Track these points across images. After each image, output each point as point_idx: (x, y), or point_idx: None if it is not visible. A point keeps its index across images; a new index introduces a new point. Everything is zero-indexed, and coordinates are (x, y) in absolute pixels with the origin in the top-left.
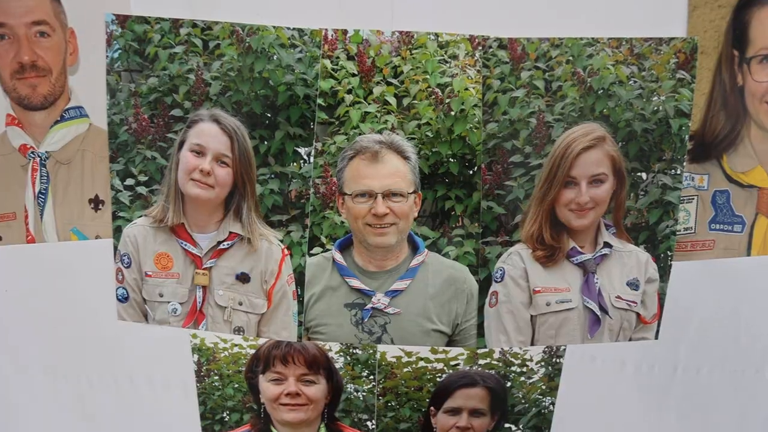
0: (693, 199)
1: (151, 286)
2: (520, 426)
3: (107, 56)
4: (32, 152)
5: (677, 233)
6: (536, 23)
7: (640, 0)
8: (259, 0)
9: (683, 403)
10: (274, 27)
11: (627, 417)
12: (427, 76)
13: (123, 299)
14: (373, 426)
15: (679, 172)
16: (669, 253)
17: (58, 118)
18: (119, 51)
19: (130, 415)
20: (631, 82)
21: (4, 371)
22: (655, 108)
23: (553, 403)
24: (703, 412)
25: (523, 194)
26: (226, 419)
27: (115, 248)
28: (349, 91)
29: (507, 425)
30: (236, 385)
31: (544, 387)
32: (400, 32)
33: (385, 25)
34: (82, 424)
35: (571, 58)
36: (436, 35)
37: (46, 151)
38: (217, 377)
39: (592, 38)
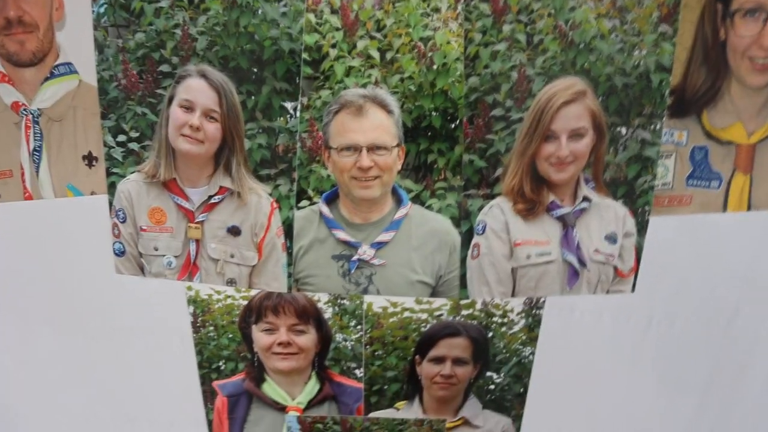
0: (671, 154)
1: (146, 240)
2: (502, 374)
3: (93, 11)
4: (24, 109)
5: (655, 188)
6: None
7: None
8: None
9: (658, 353)
10: None
11: (605, 366)
12: (410, 30)
13: (120, 253)
14: (361, 374)
15: (658, 127)
16: (647, 208)
17: (48, 75)
18: (105, 6)
19: (130, 365)
20: (612, 36)
21: (7, 326)
22: (636, 62)
23: (533, 353)
24: (676, 362)
25: (504, 148)
26: (222, 368)
27: (110, 204)
28: (334, 46)
29: (489, 374)
30: (230, 335)
31: (524, 337)
32: None
33: None
34: (84, 374)
35: (553, 11)
36: None
37: (38, 108)
38: (212, 328)
39: None
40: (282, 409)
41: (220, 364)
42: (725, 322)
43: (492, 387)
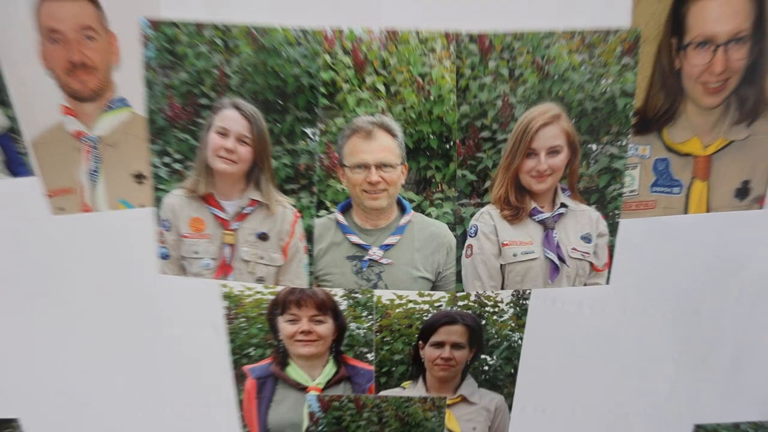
0: (637, 166)
1: (187, 245)
2: (494, 357)
3: (144, 55)
4: (84, 137)
5: (623, 195)
6: (501, 19)
7: None
8: (269, 4)
9: (632, 338)
10: (282, 28)
11: (585, 350)
12: (410, 67)
13: (164, 257)
14: (372, 357)
15: (624, 143)
16: (617, 212)
17: (105, 108)
18: (154, 50)
19: (170, 352)
20: (582, 68)
21: (66, 319)
22: (603, 90)
23: (521, 338)
24: (648, 346)
25: (492, 164)
26: (252, 354)
27: (157, 215)
28: (346, 81)
29: (483, 356)
30: (259, 326)
31: (513, 324)
32: (387, 30)
33: (375, 24)
34: (131, 362)
35: (531, 48)
36: (417, 32)
37: (96, 136)
38: (243, 319)
39: (549, 31)
40: (303, 389)
41: (250, 350)
42: (692, 310)
43: (486, 368)
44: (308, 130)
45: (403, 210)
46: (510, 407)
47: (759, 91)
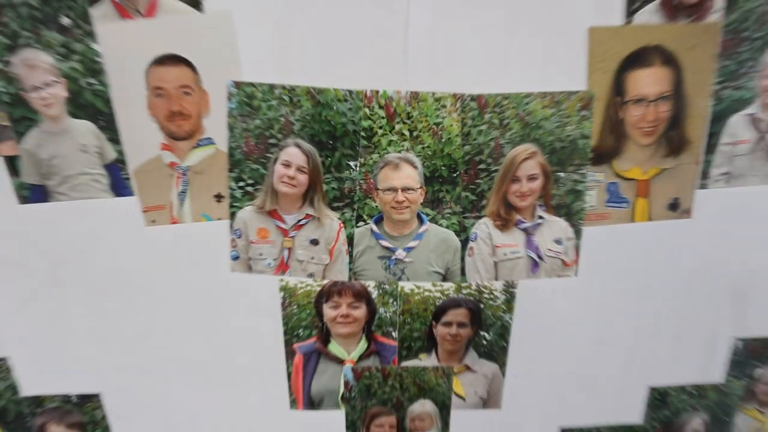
0: (594, 187)
1: (254, 249)
2: (490, 333)
3: (228, 107)
4: (177, 166)
5: (585, 209)
6: (494, 84)
7: (560, 70)
8: (324, 71)
9: (595, 320)
10: (333, 89)
11: (560, 328)
12: (428, 118)
13: (235, 258)
14: (396, 335)
15: (584, 172)
16: (580, 222)
17: (196, 145)
18: (236, 103)
19: (234, 333)
20: (552, 118)
21: (152, 307)
22: (568, 134)
23: (511, 318)
24: (607, 324)
25: (487, 187)
26: (301, 334)
27: (231, 226)
28: (380, 128)
29: (482, 333)
30: (308, 311)
31: (504, 307)
32: (411, 92)
33: (402, 87)
34: (201, 338)
35: (515, 104)
36: (433, 94)
37: (186, 166)
38: (295, 306)
39: (528, 92)
40: (341, 362)
41: (300, 331)
42: (640, 294)
43: (484, 342)
44: (351, 163)
45: (421, 221)
46: (503, 374)
47: (681, 133)
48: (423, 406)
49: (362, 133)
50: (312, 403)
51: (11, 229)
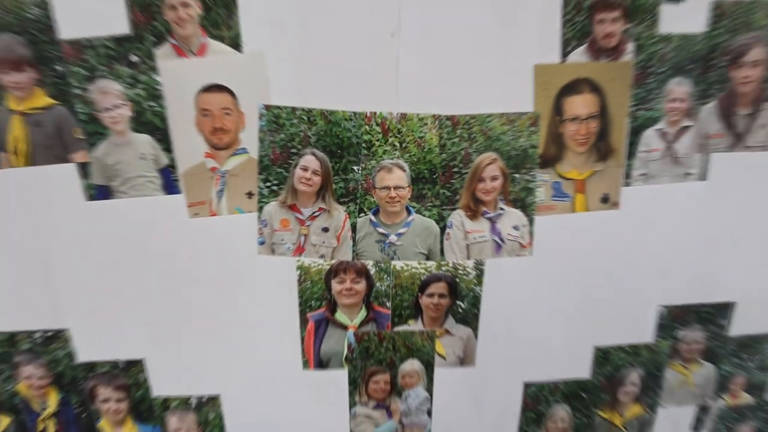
0: (542, 185)
1: (277, 235)
2: (465, 303)
3: (259, 124)
4: (217, 171)
5: (535, 203)
6: (464, 107)
7: (514, 96)
8: (335, 98)
9: (546, 288)
10: (341, 111)
11: (518, 297)
12: (414, 133)
13: (261, 243)
14: (390, 305)
15: (534, 173)
16: (533, 212)
17: (232, 153)
18: (265, 121)
19: (259, 306)
20: (508, 133)
21: (185, 285)
22: (521, 144)
23: (481, 290)
24: (556, 293)
25: (460, 186)
26: (313, 305)
27: (258, 217)
28: (377, 140)
29: (458, 302)
30: (319, 286)
31: (475, 281)
32: (401, 114)
33: (394, 110)
34: (232, 311)
35: (480, 123)
36: (417, 114)
37: (225, 170)
38: (309, 282)
39: (490, 113)
40: (345, 328)
41: (312, 303)
42: (583, 272)
43: (460, 310)
44: (355, 167)
45: (409, 212)
46: (476, 336)
47: (607, 143)
48: (412, 365)
49: (363, 145)
50: (321, 364)
51: (79, 221)
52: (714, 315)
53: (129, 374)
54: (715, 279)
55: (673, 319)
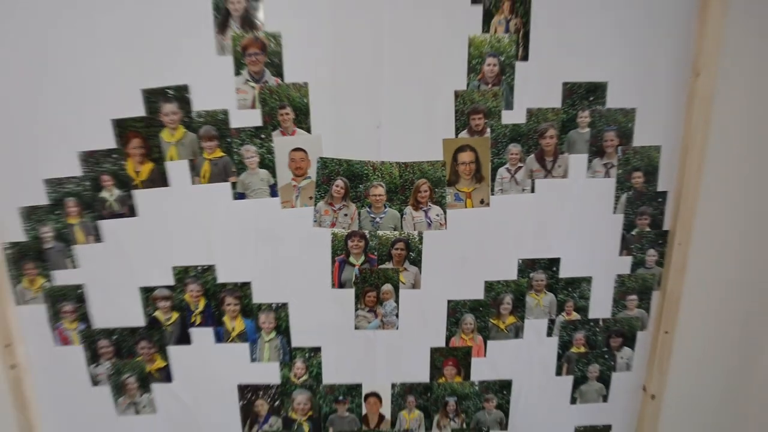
0: (449, 194)
1: (323, 218)
2: (414, 252)
3: (316, 165)
4: (297, 186)
5: (446, 203)
6: (411, 157)
7: (434, 153)
8: (351, 153)
9: (456, 248)
10: (355, 159)
11: (444, 251)
12: (387, 170)
13: (314, 221)
14: (376, 254)
15: (444, 189)
16: (445, 208)
17: (303, 179)
18: (319, 164)
19: (311, 256)
20: (432, 169)
21: (279, 242)
22: (438, 175)
23: (422, 247)
24: (463, 250)
25: (408, 195)
26: (338, 253)
27: (314, 209)
28: (370, 173)
29: (410, 252)
30: (342, 243)
31: (419, 241)
32: (381, 161)
33: (377, 158)
34: (295, 261)
35: (418, 165)
36: (389, 161)
37: (300, 186)
38: (336, 242)
39: (422, 160)
40: (353, 266)
41: (338, 252)
42: (475, 239)
43: (411, 257)
44: (360, 185)
45: (385, 207)
46: (420, 272)
47: (480, 175)
48: (387, 287)
49: (364, 175)
50: (341, 285)
51: (230, 212)
52: (550, 264)
53: (242, 290)
54: (547, 244)
55: (527, 266)
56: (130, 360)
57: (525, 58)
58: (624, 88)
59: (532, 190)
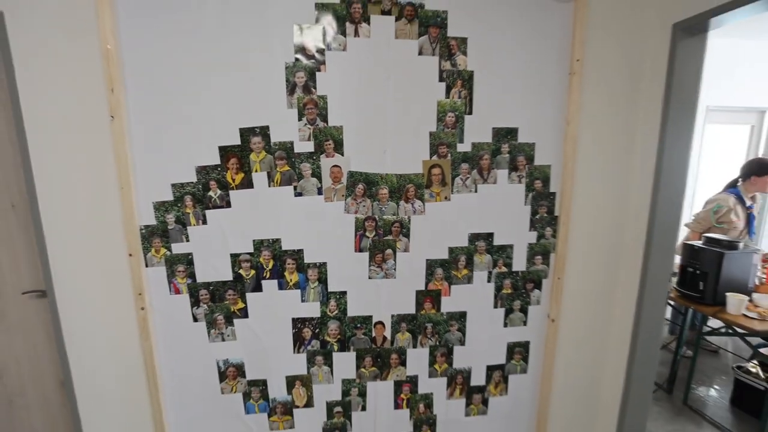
0: (426, 194)
1: (350, 207)
2: (404, 229)
3: (347, 175)
4: (333, 189)
5: (425, 198)
6: (403, 170)
7: (415, 167)
8: (369, 168)
9: (433, 227)
10: (371, 172)
11: (420, 229)
12: (390, 179)
13: (344, 210)
14: (383, 231)
15: (423, 191)
16: (423, 201)
17: (338, 184)
18: (348, 175)
19: (342, 234)
20: (417, 178)
21: (319, 222)
22: (420, 181)
23: (410, 226)
24: (440, 230)
25: (401, 195)
26: (358, 229)
27: (345, 203)
28: (380, 181)
29: (403, 228)
30: (361, 224)
31: (408, 223)
32: (386, 173)
33: (383, 171)
34: (331, 236)
35: (407, 175)
36: (391, 173)
37: (336, 189)
38: (358, 223)
39: (408, 173)
40: (369, 237)
41: (360, 230)
42: (441, 222)
43: (403, 231)
44: (373, 188)
45: (387, 201)
46: (409, 239)
47: (445, 181)
48: (389, 250)
49: (377, 181)
50: (360, 250)
51: (292, 205)
52: (488, 237)
53: (298, 254)
54: (486, 223)
55: (474, 238)
56: (220, 303)
57: (470, 113)
58: (528, 131)
59: (476, 191)
